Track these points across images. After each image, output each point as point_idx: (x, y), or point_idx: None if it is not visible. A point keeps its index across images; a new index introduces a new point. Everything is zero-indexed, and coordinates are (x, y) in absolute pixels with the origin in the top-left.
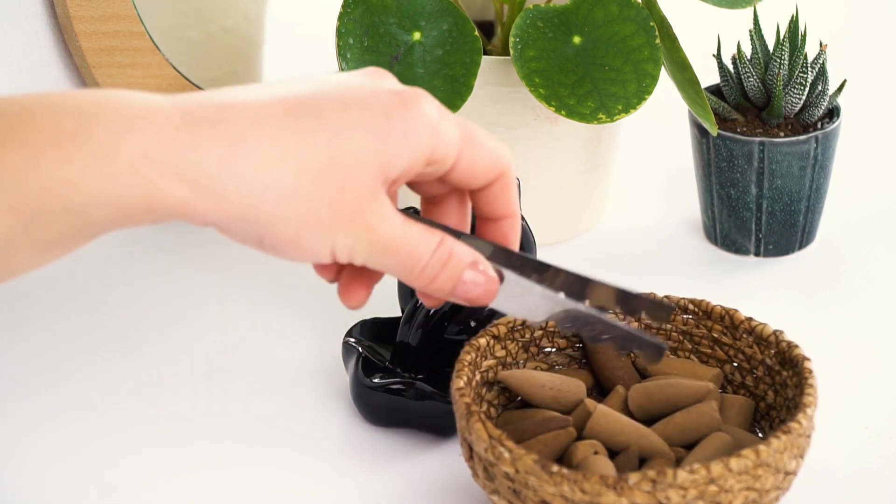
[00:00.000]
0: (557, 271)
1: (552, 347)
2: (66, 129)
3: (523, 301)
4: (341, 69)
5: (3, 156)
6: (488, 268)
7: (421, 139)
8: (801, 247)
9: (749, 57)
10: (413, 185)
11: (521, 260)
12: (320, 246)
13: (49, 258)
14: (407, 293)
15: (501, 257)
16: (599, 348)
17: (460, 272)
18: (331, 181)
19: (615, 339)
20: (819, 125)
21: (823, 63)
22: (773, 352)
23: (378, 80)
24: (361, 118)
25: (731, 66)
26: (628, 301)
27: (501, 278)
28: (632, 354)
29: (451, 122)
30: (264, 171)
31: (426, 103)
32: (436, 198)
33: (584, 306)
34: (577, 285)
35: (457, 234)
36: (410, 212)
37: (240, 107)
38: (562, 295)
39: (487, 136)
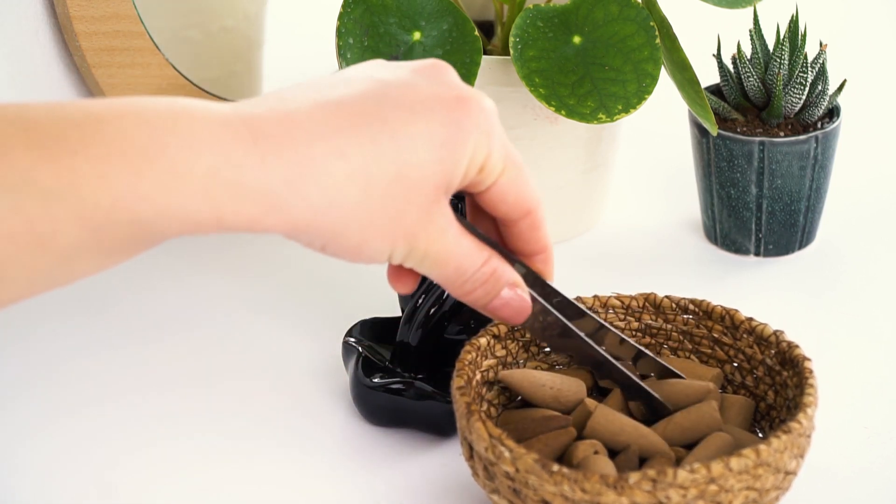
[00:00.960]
0: (595, 323)
1: None
2: (137, 143)
3: (546, 330)
4: (341, 69)
5: (74, 165)
6: (525, 292)
7: (479, 144)
8: (801, 247)
9: (749, 57)
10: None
11: (556, 296)
12: (380, 253)
13: (110, 264)
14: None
15: (537, 287)
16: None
17: (498, 291)
18: (396, 196)
19: (624, 386)
20: (819, 125)
21: (823, 63)
22: (773, 352)
23: (439, 77)
24: (427, 127)
25: (731, 66)
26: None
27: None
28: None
29: (501, 134)
30: (332, 189)
31: (484, 103)
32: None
33: (601, 350)
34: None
35: (503, 253)
36: (458, 208)
37: (305, 120)
38: (588, 339)
39: (528, 172)
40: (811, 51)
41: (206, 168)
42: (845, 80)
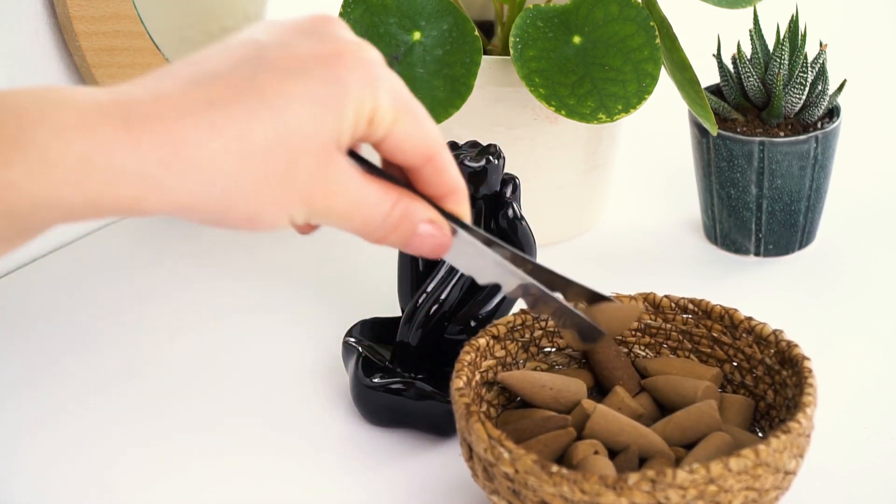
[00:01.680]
0: (519, 257)
1: (552, 347)
2: (5, 134)
3: (473, 261)
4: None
5: None
6: (444, 224)
7: (363, 96)
8: (801, 247)
9: (749, 57)
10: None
11: (476, 233)
12: (277, 219)
13: None
14: (407, 293)
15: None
16: (599, 348)
17: (413, 230)
18: (279, 160)
19: (554, 311)
20: (819, 125)
21: (823, 63)
22: (772, 351)
23: (319, 32)
24: (303, 87)
25: (731, 66)
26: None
27: (455, 235)
28: (631, 354)
29: (390, 82)
30: (208, 165)
31: (365, 53)
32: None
33: (525, 274)
34: (522, 263)
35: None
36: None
37: (178, 97)
38: (508, 262)
39: (426, 114)
40: (811, 51)
41: (78, 155)
42: (845, 80)
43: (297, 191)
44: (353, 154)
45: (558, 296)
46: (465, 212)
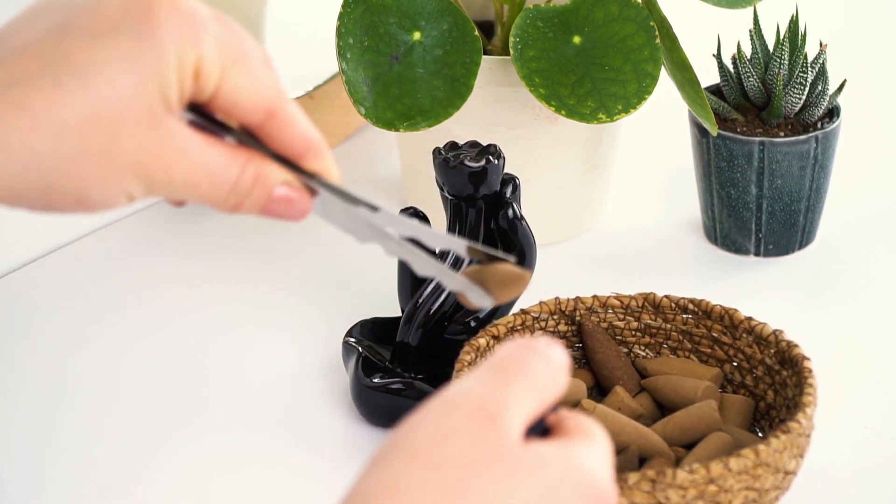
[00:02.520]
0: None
1: None
2: None
3: (345, 222)
4: (341, 69)
5: None
6: (302, 188)
7: (184, 50)
8: (801, 247)
9: (749, 57)
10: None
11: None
12: (111, 197)
13: None
14: (407, 293)
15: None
16: (599, 349)
17: (268, 194)
18: (97, 133)
19: (436, 273)
20: (819, 125)
21: (823, 63)
22: (772, 351)
23: None
24: (114, 50)
25: (731, 66)
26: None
27: (315, 195)
28: (631, 354)
29: (216, 32)
30: (18, 146)
31: (181, 4)
32: None
33: (400, 237)
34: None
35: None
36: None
37: None
38: (362, 209)
39: (263, 64)
40: (811, 51)
41: None
42: (845, 80)
43: (125, 163)
44: (205, 115)
45: (441, 265)
46: (325, 167)
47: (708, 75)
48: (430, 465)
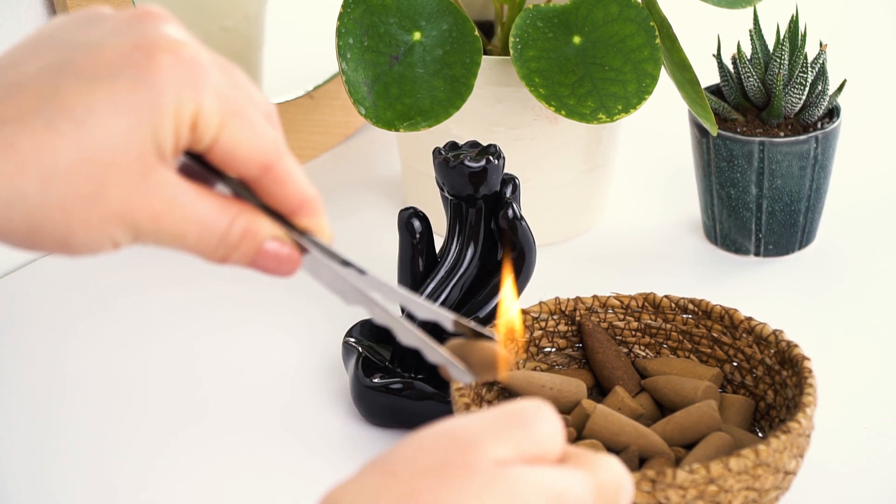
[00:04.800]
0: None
1: (552, 347)
2: None
3: (333, 282)
4: (341, 69)
5: None
6: (289, 242)
7: (183, 99)
8: (801, 247)
9: (749, 57)
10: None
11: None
12: (96, 243)
13: None
14: None
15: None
16: (599, 349)
17: (257, 248)
18: (86, 179)
19: (419, 345)
20: (819, 125)
21: (823, 63)
22: (772, 351)
23: (139, 28)
24: (110, 94)
25: (731, 66)
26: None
27: (305, 253)
28: (631, 354)
29: (217, 84)
30: (5, 187)
31: (184, 52)
32: None
33: (387, 305)
34: (386, 290)
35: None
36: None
37: None
38: (350, 272)
39: (262, 118)
40: (811, 51)
41: None
42: (845, 80)
43: (112, 211)
44: (201, 161)
45: (426, 337)
46: (318, 226)
47: (708, 75)
48: (400, 478)
